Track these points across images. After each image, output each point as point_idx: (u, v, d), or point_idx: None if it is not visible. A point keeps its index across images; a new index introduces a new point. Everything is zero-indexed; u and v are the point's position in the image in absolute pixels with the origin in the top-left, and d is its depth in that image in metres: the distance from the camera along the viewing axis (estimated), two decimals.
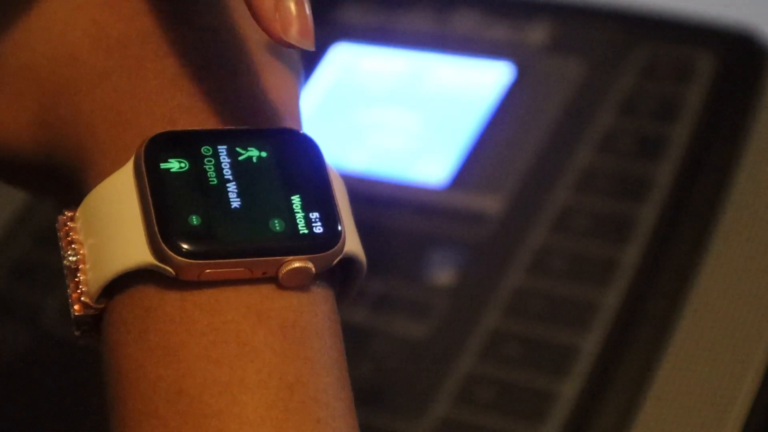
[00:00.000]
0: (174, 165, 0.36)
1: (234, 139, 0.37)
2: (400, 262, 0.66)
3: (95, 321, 0.37)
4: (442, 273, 0.65)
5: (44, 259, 0.71)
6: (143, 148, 0.36)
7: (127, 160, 0.37)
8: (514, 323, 0.62)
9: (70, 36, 0.40)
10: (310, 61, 0.76)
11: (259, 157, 0.37)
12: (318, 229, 0.36)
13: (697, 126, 0.67)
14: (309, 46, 0.36)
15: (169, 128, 0.37)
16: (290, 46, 0.36)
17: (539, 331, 0.61)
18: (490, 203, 0.67)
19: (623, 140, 0.67)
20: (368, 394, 0.61)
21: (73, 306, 0.37)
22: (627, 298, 0.61)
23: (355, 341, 0.63)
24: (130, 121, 0.38)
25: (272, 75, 0.40)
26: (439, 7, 0.77)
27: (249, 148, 0.37)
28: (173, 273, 0.35)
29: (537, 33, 0.73)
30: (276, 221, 0.36)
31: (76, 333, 0.38)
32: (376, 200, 0.68)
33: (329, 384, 0.36)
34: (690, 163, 0.65)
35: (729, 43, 0.69)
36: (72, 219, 0.38)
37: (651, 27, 0.72)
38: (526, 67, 0.72)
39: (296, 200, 0.37)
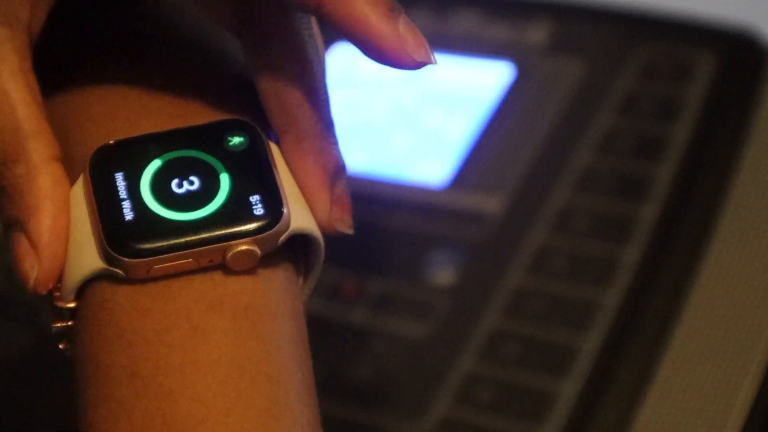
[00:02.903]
0: (116, 171, 0.38)
1: (175, 139, 0.39)
2: (400, 262, 0.66)
3: (70, 331, 0.39)
4: (442, 273, 0.65)
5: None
6: (90, 160, 0.38)
7: (81, 172, 0.39)
8: (514, 323, 0.62)
9: None
10: None
11: (199, 151, 0.39)
12: (258, 211, 0.38)
13: (697, 126, 0.67)
14: (434, 60, 0.38)
15: (122, 135, 0.39)
16: (420, 66, 0.38)
17: (539, 331, 0.61)
18: (490, 203, 0.67)
19: (623, 140, 0.67)
20: (368, 394, 0.61)
21: (51, 324, 0.39)
22: (627, 298, 0.61)
23: (355, 341, 0.63)
24: (87, 139, 0.40)
25: (203, 73, 0.42)
26: (440, 7, 0.77)
27: (190, 145, 0.39)
28: (124, 274, 0.37)
29: (537, 33, 0.73)
30: (217, 210, 0.38)
31: (60, 347, 0.40)
32: (376, 200, 0.68)
33: (283, 363, 0.37)
34: (690, 163, 0.65)
35: (729, 43, 0.69)
36: None
37: (651, 27, 0.72)
38: (527, 67, 0.72)
39: (236, 186, 0.38)
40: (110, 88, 0.41)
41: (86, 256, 0.38)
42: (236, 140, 0.39)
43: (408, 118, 0.72)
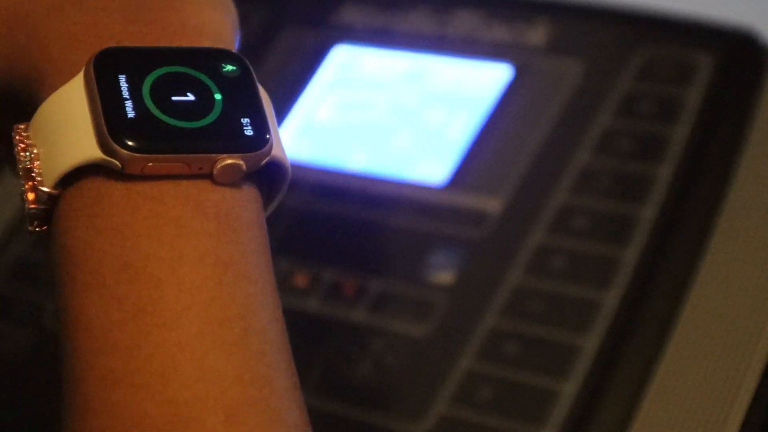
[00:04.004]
0: (120, 73, 0.41)
1: (177, 55, 0.42)
2: (400, 262, 0.66)
3: (47, 216, 0.41)
4: (442, 273, 0.65)
5: (44, 259, 0.71)
6: (93, 59, 0.41)
7: (77, 74, 0.41)
8: (514, 323, 0.62)
9: None
10: (311, 62, 0.77)
11: (199, 70, 0.42)
12: (248, 132, 0.41)
13: (697, 126, 0.67)
14: None
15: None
16: None
17: (539, 330, 0.61)
18: (489, 203, 0.67)
19: (623, 140, 0.67)
20: (368, 394, 0.61)
21: (27, 200, 0.41)
22: (627, 298, 0.61)
23: (355, 341, 0.63)
24: (80, 43, 0.42)
25: (210, 11, 0.44)
26: (439, 8, 0.77)
27: (190, 63, 0.42)
28: (119, 166, 0.40)
29: (536, 34, 0.74)
30: (211, 123, 0.41)
31: (29, 228, 0.42)
32: (376, 199, 0.69)
33: (258, 266, 0.41)
34: (690, 163, 0.65)
35: (729, 43, 0.69)
36: (26, 129, 0.42)
37: (651, 27, 0.72)
38: (526, 68, 0.72)
39: (230, 107, 0.41)
40: (114, 4, 0.43)
41: (83, 145, 0.40)
42: (229, 68, 0.42)
43: (408, 118, 0.72)
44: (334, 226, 0.69)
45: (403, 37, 0.76)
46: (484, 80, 0.72)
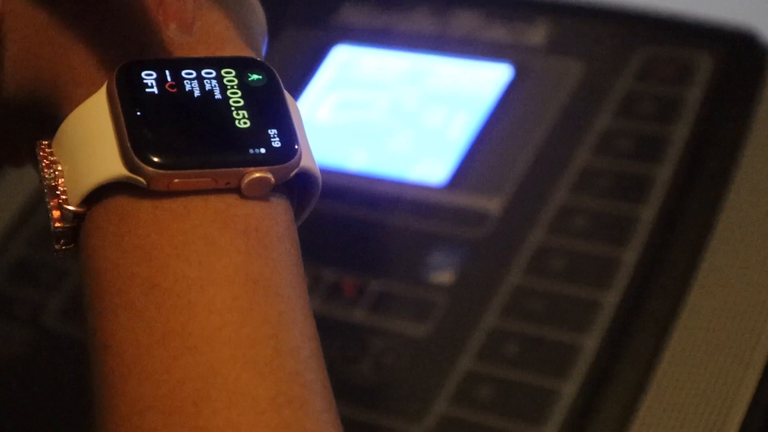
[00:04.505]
0: (143, 87, 0.40)
1: (198, 64, 0.41)
2: (400, 262, 0.66)
3: (73, 234, 0.41)
4: (442, 272, 0.65)
5: (44, 259, 0.71)
6: (115, 74, 0.40)
7: (101, 87, 0.41)
8: (514, 323, 0.62)
9: None
10: (311, 62, 0.77)
11: (223, 80, 0.41)
12: (276, 143, 0.40)
13: (697, 126, 0.67)
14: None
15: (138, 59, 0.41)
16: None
17: (539, 330, 0.61)
18: (489, 203, 0.67)
19: (623, 141, 0.67)
20: (368, 394, 0.61)
21: (53, 218, 0.40)
22: (627, 298, 0.61)
23: (355, 341, 0.63)
24: (102, 55, 0.41)
25: (236, 16, 0.43)
26: (439, 8, 0.77)
27: (214, 72, 0.41)
28: (145, 183, 0.39)
29: (536, 34, 0.74)
30: (238, 136, 0.40)
31: (56, 247, 0.41)
32: (376, 200, 0.69)
33: (290, 281, 0.40)
34: (690, 163, 0.65)
35: (729, 43, 0.69)
36: (49, 146, 0.41)
37: (651, 27, 0.72)
38: (526, 68, 0.72)
39: (256, 118, 0.40)
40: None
41: (107, 162, 0.39)
42: (255, 77, 0.41)
43: (408, 118, 0.72)
44: (334, 226, 0.69)
45: (403, 37, 0.77)
46: (484, 80, 0.73)
